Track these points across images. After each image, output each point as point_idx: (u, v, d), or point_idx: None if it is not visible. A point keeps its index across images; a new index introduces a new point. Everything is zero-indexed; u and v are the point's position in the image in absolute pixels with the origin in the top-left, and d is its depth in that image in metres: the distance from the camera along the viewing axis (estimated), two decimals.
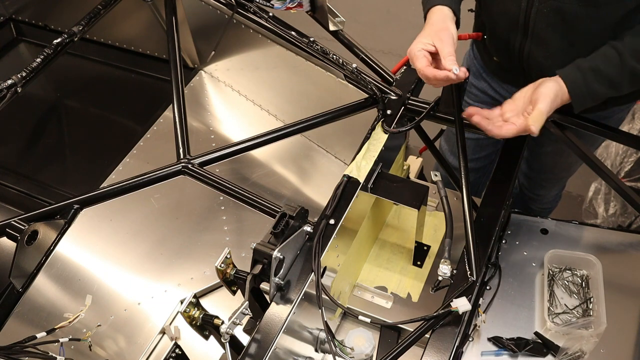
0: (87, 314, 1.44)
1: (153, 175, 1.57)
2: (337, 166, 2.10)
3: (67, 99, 2.41)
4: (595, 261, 1.51)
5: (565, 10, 1.44)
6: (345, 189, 1.44)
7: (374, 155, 1.51)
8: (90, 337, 1.45)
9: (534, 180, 2.17)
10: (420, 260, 1.68)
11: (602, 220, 2.54)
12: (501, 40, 1.62)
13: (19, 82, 1.68)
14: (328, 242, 1.35)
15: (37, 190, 1.95)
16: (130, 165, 2.02)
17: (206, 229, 1.88)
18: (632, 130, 2.45)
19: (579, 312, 1.48)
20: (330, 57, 1.73)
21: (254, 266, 1.27)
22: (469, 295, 1.28)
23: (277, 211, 1.33)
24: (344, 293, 1.58)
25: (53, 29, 2.48)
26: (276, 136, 1.63)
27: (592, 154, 1.51)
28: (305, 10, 1.68)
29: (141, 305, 1.71)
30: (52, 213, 1.51)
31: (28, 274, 1.43)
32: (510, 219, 1.67)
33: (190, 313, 1.26)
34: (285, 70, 2.00)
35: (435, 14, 1.48)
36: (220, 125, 2.19)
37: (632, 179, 2.43)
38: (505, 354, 1.42)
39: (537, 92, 1.39)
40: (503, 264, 1.56)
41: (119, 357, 1.62)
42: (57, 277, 1.75)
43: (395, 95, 1.65)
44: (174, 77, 1.77)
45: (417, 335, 1.27)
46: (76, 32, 1.81)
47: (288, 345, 1.30)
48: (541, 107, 1.35)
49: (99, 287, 1.75)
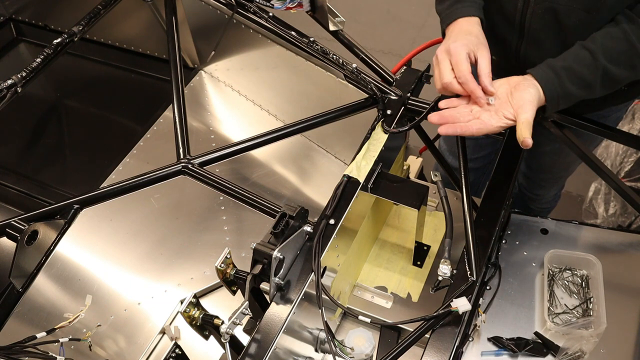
0: (87, 314, 1.44)
1: (153, 175, 1.57)
2: (337, 166, 2.10)
3: (67, 99, 2.41)
4: (595, 261, 1.51)
5: (559, 11, 1.44)
6: (345, 189, 1.44)
7: (374, 155, 1.52)
8: (90, 337, 1.44)
9: (533, 180, 2.17)
10: (420, 260, 1.68)
11: (602, 220, 2.54)
12: (498, 40, 1.62)
13: (19, 82, 1.68)
14: (328, 242, 1.35)
15: (37, 190, 1.95)
16: (130, 165, 2.02)
17: (206, 229, 1.88)
18: (632, 130, 2.45)
19: (579, 312, 1.48)
20: (330, 57, 1.73)
21: (254, 266, 1.27)
22: (469, 295, 1.28)
23: (277, 211, 1.33)
24: (344, 293, 1.58)
25: (53, 29, 2.48)
26: (276, 136, 1.63)
27: (591, 154, 1.51)
28: (305, 10, 1.68)
29: (141, 305, 1.71)
30: (52, 213, 1.51)
31: (28, 274, 1.43)
32: (510, 219, 1.67)
33: (190, 313, 1.26)
34: (285, 70, 2.00)
35: (475, 24, 1.45)
36: (220, 125, 2.19)
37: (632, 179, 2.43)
38: (505, 354, 1.42)
39: (520, 97, 1.34)
40: (503, 264, 1.56)
41: (119, 357, 1.62)
42: (57, 277, 1.75)
43: (395, 95, 1.65)
44: (174, 77, 1.77)
45: (417, 335, 1.27)
46: (76, 32, 1.82)
47: (288, 345, 1.30)
48: (528, 117, 1.31)
49: (99, 287, 1.75)
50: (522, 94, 1.35)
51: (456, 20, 1.47)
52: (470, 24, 1.46)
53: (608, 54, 1.36)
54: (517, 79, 1.38)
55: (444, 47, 1.41)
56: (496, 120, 1.34)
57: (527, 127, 1.31)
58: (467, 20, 1.47)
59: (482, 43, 1.42)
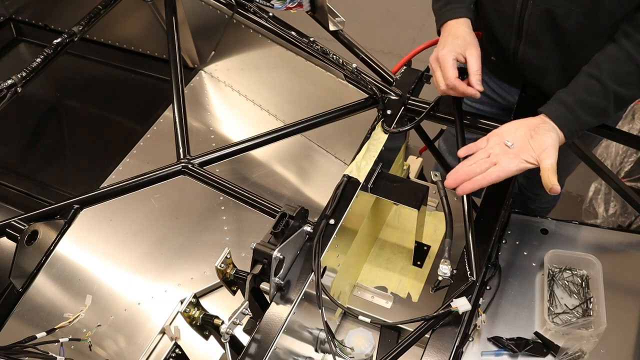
0: (87, 314, 1.44)
1: (153, 175, 1.57)
2: (337, 166, 2.10)
3: (67, 99, 2.41)
4: (595, 261, 1.51)
5: (557, 13, 1.43)
6: (345, 189, 1.44)
7: (374, 155, 1.52)
8: (90, 337, 1.44)
9: (533, 179, 2.17)
10: (420, 260, 1.68)
11: (602, 220, 2.54)
12: (496, 41, 1.62)
13: (19, 82, 1.68)
14: (328, 242, 1.35)
15: (37, 190, 1.95)
16: (130, 165, 2.02)
17: (206, 229, 1.88)
18: (632, 130, 2.45)
19: (579, 312, 1.48)
20: (330, 57, 1.73)
21: (254, 266, 1.27)
22: (469, 295, 1.28)
23: (277, 211, 1.33)
24: (344, 293, 1.58)
25: (53, 29, 2.48)
26: (276, 136, 1.63)
27: (591, 154, 1.52)
28: (305, 10, 1.68)
29: (141, 305, 1.71)
30: (52, 213, 1.51)
31: (28, 274, 1.43)
32: (510, 219, 1.67)
33: (190, 313, 1.26)
34: (285, 70, 2.00)
35: (463, 25, 1.50)
36: (220, 125, 2.19)
37: (632, 179, 2.43)
38: (505, 354, 1.42)
39: (543, 142, 1.32)
40: (503, 264, 1.56)
41: (119, 357, 1.62)
42: (57, 277, 1.75)
43: (395, 95, 1.65)
44: (174, 77, 1.77)
45: (417, 335, 1.27)
46: (76, 32, 1.82)
47: (288, 345, 1.30)
48: (553, 163, 1.30)
49: (99, 287, 1.75)
50: (544, 138, 1.33)
51: (446, 22, 1.52)
52: (458, 26, 1.50)
53: (616, 78, 1.36)
54: (534, 122, 1.37)
55: (434, 56, 1.49)
56: (516, 164, 1.32)
57: (554, 173, 1.29)
58: (456, 22, 1.51)
59: (470, 43, 1.46)
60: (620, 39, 1.38)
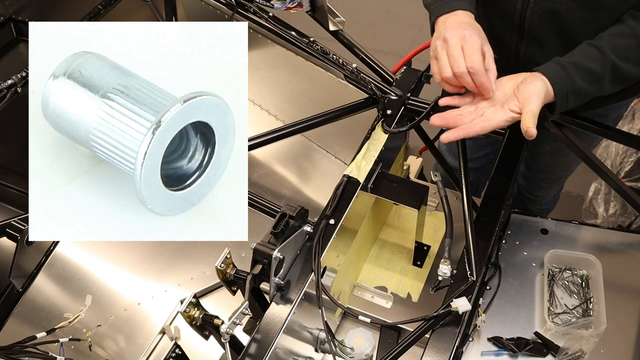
0: (87, 314, 1.44)
1: None
2: (337, 166, 2.10)
3: None
4: (595, 261, 1.51)
5: (560, 11, 1.43)
6: (345, 189, 1.44)
7: (374, 155, 1.52)
8: (90, 337, 1.45)
9: (533, 180, 2.17)
10: (420, 260, 1.68)
11: (602, 220, 2.54)
12: (497, 40, 1.62)
13: (19, 82, 1.68)
14: (328, 242, 1.35)
15: None
16: None
17: None
18: (632, 130, 2.45)
19: (579, 312, 1.48)
20: (330, 57, 1.73)
21: (254, 266, 1.27)
22: (469, 295, 1.28)
23: (277, 211, 1.33)
24: (344, 293, 1.58)
25: None
26: (276, 136, 1.63)
27: (591, 154, 1.51)
28: (305, 10, 1.68)
29: (141, 305, 1.71)
30: None
31: (28, 274, 1.43)
32: (510, 219, 1.67)
33: (190, 313, 1.26)
34: (285, 70, 2.00)
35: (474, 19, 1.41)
36: None
37: (632, 179, 2.43)
38: (505, 354, 1.41)
39: (527, 89, 1.32)
40: (503, 264, 1.56)
41: (119, 357, 1.62)
42: (57, 277, 1.74)
43: (395, 95, 1.65)
44: None
45: (417, 335, 1.26)
46: None
47: (288, 345, 1.30)
48: (534, 108, 1.29)
49: (99, 287, 1.75)
50: (528, 86, 1.33)
51: (454, 11, 1.40)
52: (471, 18, 1.41)
53: (616, 49, 1.35)
54: (524, 75, 1.37)
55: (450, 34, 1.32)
56: (501, 114, 1.33)
57: (532, 118, 1.28)
58: (467, 13, 1.41)
59: (485, 38, 1.39)
60: (627, 19, 1.38)
